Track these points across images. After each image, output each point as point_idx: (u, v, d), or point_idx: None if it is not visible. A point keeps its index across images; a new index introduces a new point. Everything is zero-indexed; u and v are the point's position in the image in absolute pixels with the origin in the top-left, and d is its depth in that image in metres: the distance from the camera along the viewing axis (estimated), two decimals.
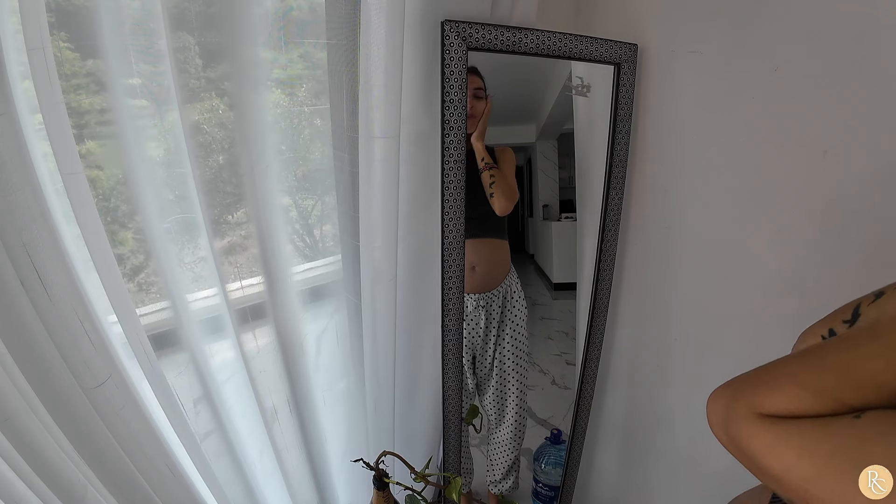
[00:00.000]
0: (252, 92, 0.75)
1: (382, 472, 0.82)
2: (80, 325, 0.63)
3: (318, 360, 0.99)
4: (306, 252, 0.96)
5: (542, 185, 1.23)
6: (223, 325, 0.85)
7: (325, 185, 0.92)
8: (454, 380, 0.97)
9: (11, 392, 0.61)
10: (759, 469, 0.35)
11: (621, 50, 0.93)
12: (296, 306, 0.90)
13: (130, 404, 0.72)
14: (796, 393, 0.35)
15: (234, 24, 0.70)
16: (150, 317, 0.79)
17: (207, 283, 0.83)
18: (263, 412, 0.92)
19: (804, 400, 0.35)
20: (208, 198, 0.75)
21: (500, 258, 1.13)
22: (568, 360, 1.27)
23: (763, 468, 0.35)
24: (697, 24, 0.90)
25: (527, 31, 0.81)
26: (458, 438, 1.05)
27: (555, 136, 1.19)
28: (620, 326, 1.18)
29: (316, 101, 0.85)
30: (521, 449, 1.31)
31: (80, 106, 0.67)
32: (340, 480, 1.13)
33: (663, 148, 1.01)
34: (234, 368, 0.88)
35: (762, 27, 0.81)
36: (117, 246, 0.73)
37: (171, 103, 0.70)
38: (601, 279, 1.07)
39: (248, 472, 0.97)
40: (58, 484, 0.67)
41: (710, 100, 0.91)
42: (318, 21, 0.80)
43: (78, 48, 0.64)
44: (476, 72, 0.96)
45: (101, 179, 0.72)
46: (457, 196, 0.83)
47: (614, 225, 1.04)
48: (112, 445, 0.70)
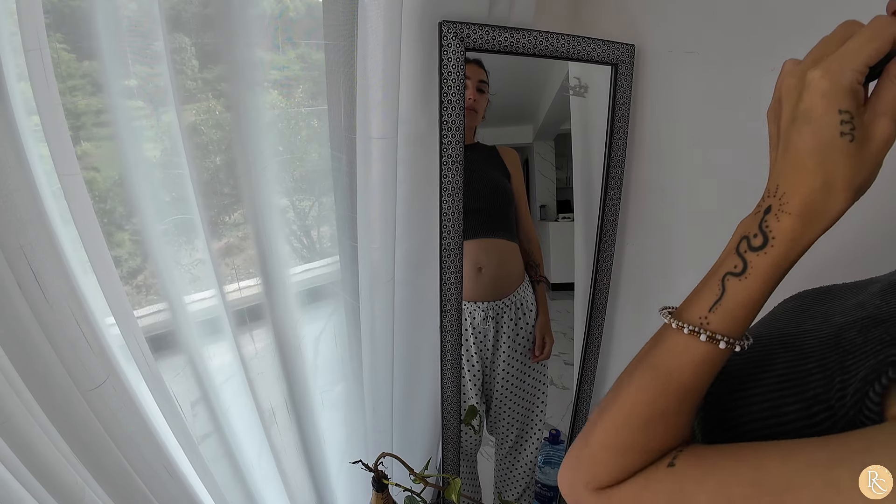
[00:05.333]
0: (249, 93, 0.75)
1: (381, 473, 0.81)
2: (77, 328, 0.63)
3: (316, 362, 0.99)
4: (304, 253, 0.96)
5: (540, 186, 1.23)
6: (221, 327, 0.85)
7: (322, 186, 0.91)
8: (453, 381, 0.97)
9: (9, 394, 0.60)
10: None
11: (619, 50, 0.93)
12: (293, 308, 0.90)
13: (128, 406, 0.71)
14: (610, 458, 0.37)
15: (231, 25, 0.70)
16: (148, 318, 0.79)
17: (205, 285, 0.83)
18: (261, 414, 0.92)
19: (618, 463, 0.37)
20: (205, 199, 0.75)
21: (510, 261, 1.08)
22: (566, 360, 1.27)
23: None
24: (695, 25, 0.90)
25: (524, 32, 0.81)
26: (458, 439, 1.05)
27: (552, 136, 1.19)
28: (618, 326, 1.19)
29: (313, 101, 0.85)
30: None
31: (76, 107, 0.67)
32: (339, 482, 1.12)
33: (661, 148, 1.01)
34: (232, 370, 0.88)
35: (760, 27, 0.81)
36: (114, 248, 0.73)
37: (168, 104, 0.69)
38: (599, 279, 1.07)
39: (247, 474, 0.97)
40: (55, 486, 0.67)
41: (708, 100, 0.92)
42: (315, 22, 0.79)
43: (74, 49, 0.64)
44: (480, 64, 0.94)
45: (98, 181, 0.72)
46: (455, 197, 0.82)
47: (612, 225, 1.04)
48: (110, 447, 0.70)
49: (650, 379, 0.38)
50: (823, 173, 0.31)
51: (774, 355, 0.39)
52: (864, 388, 0.30)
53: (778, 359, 0.38)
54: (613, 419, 0.38)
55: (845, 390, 0.32)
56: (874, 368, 0.30)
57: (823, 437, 0.29)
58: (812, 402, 0.34)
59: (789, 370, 0.37)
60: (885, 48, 0.30)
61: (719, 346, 0.35)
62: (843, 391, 0.32)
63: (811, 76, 0.31)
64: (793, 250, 0.34)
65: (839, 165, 0.31)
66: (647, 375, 0.38)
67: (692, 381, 0.37)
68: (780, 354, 0.39)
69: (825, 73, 0.30)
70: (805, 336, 0.40)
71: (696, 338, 0.36)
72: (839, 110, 0.30)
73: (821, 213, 0.32)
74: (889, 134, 0.30)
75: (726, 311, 0.36)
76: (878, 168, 0.32)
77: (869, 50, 0.30)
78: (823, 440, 0.28)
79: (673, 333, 0.38)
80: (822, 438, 0.29)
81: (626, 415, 0.38)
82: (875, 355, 0.31)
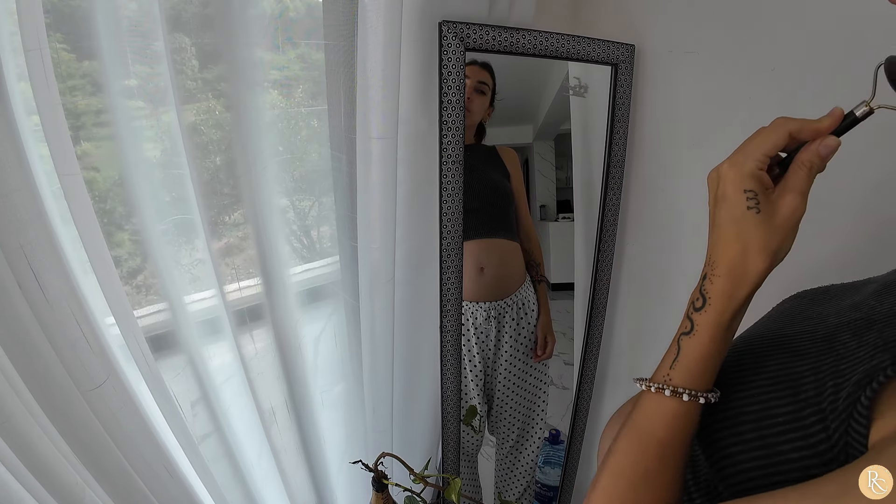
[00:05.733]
0: (249, 93, 0.75)
1: (381, 473, 0.81)
2: (77, 328, 0.63)
3: (316, 362, 0.99)
4: (304, 253, 0.96)
5: (540, 186, 1.23)
6: (221, 327, 0.85)
7: (322, 186, 0.91)
8: (453, 381, 0.97)
9: (9, 394, 0.60)
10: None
11: (618, 50, 0.93)
12: (294, 308, 0.90)
13: (128, 406, 0.71)
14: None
15: (231, 25, 0.70)
16: (148, 318, 0.79)
17: (205, 285, 0.83)
18: (261, 414, 0.92)
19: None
20: (205, 199, 0.75)
21: (511, 261, 1.08)
22: (566, 360, 1.27)
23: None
24: (695, 25, 0.90)
25: (524, 32, 0.81)
26: (458, 439, 1.05)
27: (552, 136, 1.19)
28: (618, 326, 1.19)
29: (313, 102, 0.85)
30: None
31: (76, 107, 0.67)
32: (339, 482, 1.12)
33: (661, 148, 1.01)
34: (232, 370, 0.88)
35: (759, 27, 0.81)
36: (114, 248, 0.73)
37: (168, 104, 0.69)
38: (599, 279, 1.07)
39: (247, 474, 0.97)
40: (55, 487, 0.67)
41: (708, 100, 0.92)
42: (315, 22, 0.79)
43: (74, 49, 0.64)
44: (487, 67, 0.94)
45: (98, 181, 0.72)
46: (455, 197, 0.83)
47: (612, 225, 1.04)
48: (110, 448, 0.70)
49: (630, 441, 0.42)
50: (740, 241, 0.38)
51: (767, 356, 0.41)
52: (856, 393, 0.31)
53: (770, 360, 0.40)
54: (605, 487, 0.41)
55: (838, 394, 0.33)
56: (867, 373, 0.31)
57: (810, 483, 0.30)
58: (804, 404, 0.35)
59: (781, 371, 0.39)
60: (781, 141, 0.38)
61: (683, 398, 0.40)
62: (835, 395, 0.33)
63: (722, 168, 0.39)
64: (728, 307, 0.39)
65: (752, 233, 0.37)
66: (627, 438, 0.42)
67: (667, 435, 0.40)
68: (772, 355, 0.41)
69: (731, 164, 0.39)
70: (799, 337, 0.41)
71: (663, 394, 0.41)
72: (744, 190, 0.37)
73: (744, 274, 0.38)
74: (795, 204, 0.37)
75: (684, 366, 0.41)
76: (792, 233, 0.38)
77: (767, 143, 0.38)
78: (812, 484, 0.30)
79: (646, 395, 0.43)
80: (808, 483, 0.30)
81: (616, 479, 0.41)
82: (869, 360, 0.32)
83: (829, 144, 0.38)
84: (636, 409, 0.43)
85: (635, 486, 0.40)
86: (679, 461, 0.40)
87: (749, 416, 0.38)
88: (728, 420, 0.40)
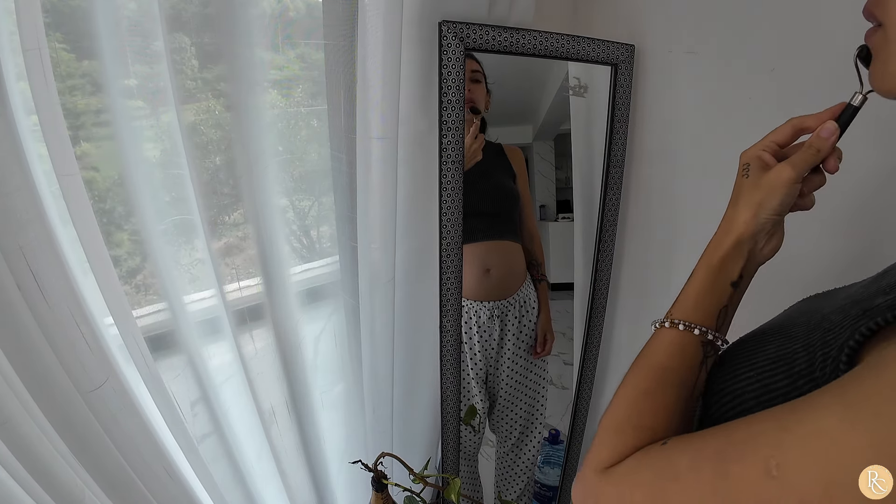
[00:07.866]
0: (249, 93, 0.75)
1: (381, 473, 0.81)
2: (76, 328, 0.62)
3: (316, 362, 0.99)
4: (304, 253, 0.96)
5: (539, 186, 1.23)
6: (221, 327, 0.85)
7: (322, 186, 0.91)
8: (453, 381, 0.97)
9: (8, 396, 0.60)
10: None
11: (618, 50, 0.93)
12: (293, 308, 0.89)
13: (128, 407, 0.71)
14: (609, 437, 0.44)
15: (231, 24, 0.70)
16: (147, 319, 0.79)
17: (205, 285, 0.83)
18: (261, 414, 0.91)
19: (615, 440, 0.43)
20: (205, 199, 0.75)
21: (515, 262, 1.10)
22: (565, 360, 1.27)
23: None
24: (695, 25, 0.90)
25: (524, 32, 0.81)
26: (457, 439, 1.05)
27: (552, 136, 1.19)
28: (618, 326, 1.19)
29: (313, 101, 0.85)
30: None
31: (75, 107, 0.66)
32: (339, 482, 1.12)
33: (661, 148, 1.01)
34: (232, 370, 0.88)
35: (759, 28, 0.81)
36: (114, 248, 0.73)
37: (168, 104, 0.69)
38: (599, 279, 1.07)
39: (247, 475, 0.97)
40: (55, 488, 0.66)
41: (708, 100, 0.91)
42: (315, 22, 0.79)
43: (73, 49, 0.64)
44: (470, 55, 0.94)
45: (98, 181, 0.72)
46: (455, 197, 0.82)
47: (612, 225, 1.04)
48: (109, 449, 0.70)
49: (635, 368, 0.49)
50: (734, 199, 0.49)
51: (767, 342, 0.45)
52: (838, 356, 0.34)
53: (770, 344, 0.44)
54: (610, 407, 0.47)
55: (826, 362, 0.35)
56: (850, 335, 0.34)
57: (789, 403, 0.32)
58: (797, 377, 0.38)
59: (778, 352, 0.42)
60: (787, 131, 0.49)
61: (679, 328, 0.47)
62: (824, 362, 0.36)
63: (741, 156, 0.51)
64: (717, 249, 0.49)
65: (742, 192, 0.48)
66: (633, 367, 0.49)
67: (666, 359, 0.47)
68: (772, 340, 0.44)
69: (744, 153, 0.50)
70: (797, 326, 0.44)
71: (663, 327, 0.49)
72: (743, 165, 0.50)
73: (731, 222, 0.48)
74: (781, 169, 0.46)
75: (680, 302, 0.50)
76: (775, 191, 0.46)
77: (774, 134, 0.49)
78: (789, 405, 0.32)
79: (653, 334, 0.51)
80: (786, 404, 0.32)
81: (619, 399, 0.47)
82: (851, 328, 0.34)
83: (828, 127, 0.45)
84: (644, 346, 0.50)
85: (636, 401, 0.45)
86: (679, 387, 0.45)
87: (751, 394, 0.41)
88: (735, 400, 0.43)
